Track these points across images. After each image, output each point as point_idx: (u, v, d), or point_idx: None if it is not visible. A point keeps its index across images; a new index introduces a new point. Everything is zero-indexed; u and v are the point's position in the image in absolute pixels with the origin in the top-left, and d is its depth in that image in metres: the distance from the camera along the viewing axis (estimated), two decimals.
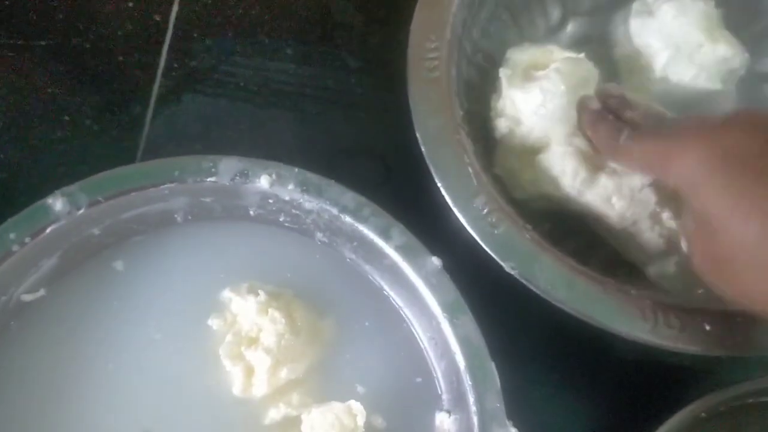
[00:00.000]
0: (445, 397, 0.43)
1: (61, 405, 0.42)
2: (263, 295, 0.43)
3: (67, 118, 0.56)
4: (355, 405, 0.40)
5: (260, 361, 0.42)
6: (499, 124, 0.50)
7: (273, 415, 0.42)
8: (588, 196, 0.46)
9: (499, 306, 0.43)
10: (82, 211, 0.42)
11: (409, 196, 0.51)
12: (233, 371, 0.42)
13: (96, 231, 0.44)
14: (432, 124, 0.46)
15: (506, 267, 0.42)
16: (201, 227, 0.46)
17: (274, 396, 0.42)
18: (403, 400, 0.43)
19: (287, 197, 0.43)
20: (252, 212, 0.45)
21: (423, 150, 0.45)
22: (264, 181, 0.43)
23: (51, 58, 0.58)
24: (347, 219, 0.43)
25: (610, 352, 0.46)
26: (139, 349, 0.44)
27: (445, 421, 0.42)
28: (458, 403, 0.41)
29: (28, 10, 0.59)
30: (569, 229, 0.49)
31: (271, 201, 0.44)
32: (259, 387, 0.42)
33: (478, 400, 0.39)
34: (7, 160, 0.54)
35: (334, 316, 0.45)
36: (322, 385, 0.43)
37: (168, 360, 0.44)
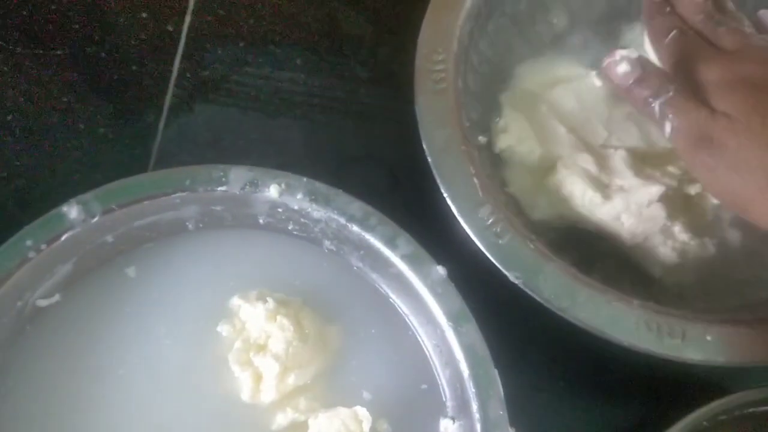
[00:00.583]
0: (449, 404, 0.43)
1: (74, 407, 0.43)
2: (272, 302, 0.44)
3: (82, 126, 0.57)
4: (361, 411, 0.41)
5: (268, 367, 0.43)
6: (500, 140, 0.51)
7: (281, 420, 0.43)
8: (598, 215, 0.47)
9: (503, 315, 0.43)
10: (96, 219, 0.43)
11: (416, 206, 0.52)
12: (242, 377, 0.43)
13: (109, 238, 0.45)
14: (438, 135, 0.46)
15: (511, 277, 0.43)
16: (211, 235, 0.47)
17: (282, 401, 0.43)
18: (408, 407, 0.43)
19: (296, 206, 0.44)
20: (261, 221, 0.46)
21: (429, 160, 0.46)
22: (273, 191, 0.44)
23: (67, 67, 0.59)
24: (354, 228, 0.44)
25: (613, 362, 0.47)
26: (150, 353, 0.45)
27: (449, 428, 0.43)
28: (462, 410, 0.41)
29: (45, 20, 0.60)
30: (573, 239, 0.49)
31: (281, 210, 0.45)
32: (268, 393, 0.43)
33: (482, 407, 0.40)
34: (23, 167, 0.56)
35: (341, 324, 0.45)
36: (328, 391, 0.44)
37: (178, 365, 0.44)
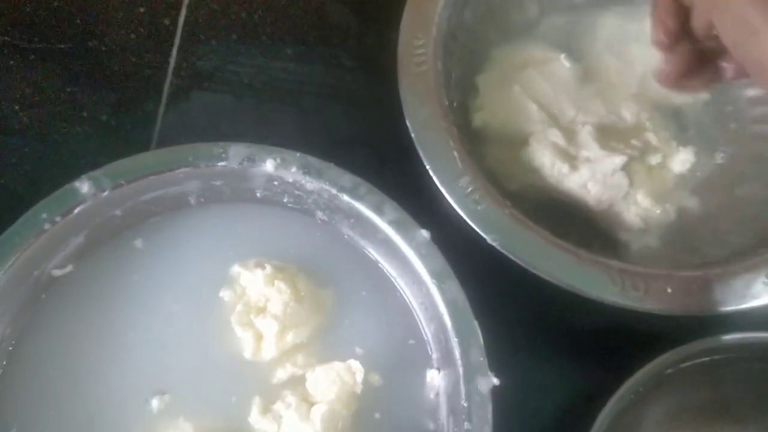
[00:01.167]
0: (434, 356, 0.47)
1: (87, 369, 0.47)
2: (269, 268, 0.48)
3: (86, 114, 0.60)
4: (354, 364, 0.45)
5: (268, 327, 0.46)
6: (476, 118, 0.55)
7: (281, 374, 0.46)
8: (567, 184, 0.51)
9: (481, 275, 0.47)
10: (106, 194, 0.46)
11: (402, 181, 0.55)
12: (244, 337, 0.47)
13: (118, 212, 0.48)
14: (420, 113, 0.50)
15: (488, 239, 0.47)
16: (212, 209, 0.51)
17: (281, 358, 0.47)
18: (397, 360, 0.47)
19: (291, 179, 0.48)
20: (258, 194, 0.50)
21: (413, 136, 0.50)
22: (269, 165, 0.47)
23: (70, 59, 0.62)
24: (345, 197, 0.47)
25: (582, 316, 0.51)
26: (158, 319, 0.48)
27: (435, 377, 0.46)
28: (446, 361, 0.45)
29: (48, 15, 0.63)
30: (547, 208, 0.53)
31: (276, 183, 0.49)
32: (268, 350, 0.46)
33: (464, 354, 0.43)
34: (31, 154, 0.59)
35: (333, 287, 0.49)
36: (324, 347, 0.48)
37: (185, 329, 0.48)
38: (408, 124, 0.50)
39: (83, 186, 0.46)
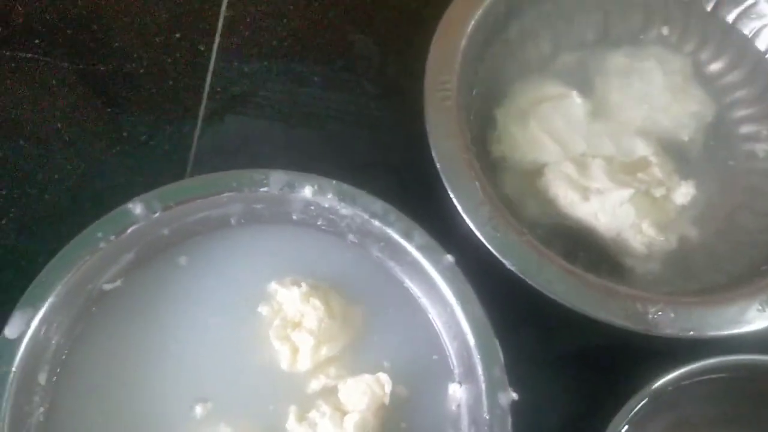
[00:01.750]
0: (457, 371, 0.51)
1: (134, 376, 0.50)
2: (305, 286, 0.52)
3: (125, 134, 0.64)
4: (383, 376, 0.49)
5: (304, 341, 0.50)
6: (495, 150, 0.60)
7: (314, 385, 0.50)
8: (578, 213, 0.55)
9: (499, 298, 0.51)
10: (156, 215, 0.50)
11: (421, 204, 0.59)
12: (281, 350, 0.51)
13: (166, 231, 0.52)
14: (445, 145, 0.54)
15: (507, 264, 0.51)
16: (251, 229, 0.55)
17: (315, 370, 0.51)
18: (422, 373, 0.51)
19: (326, 205, 0.52)
20: (295, 217, 0.54)
21: (438, 166, 0.54)
22: (307, 191, 0.51)
23: (109, 81, 0.66)
24: (376, 223, 0.51)
25: (594, 336, 0.55)
26: (200, 331, 0.52)
27: (457, 391, 0.50)
28: (468, 376, 0.49)
29: (88, 38, 0.67)
30: (558, 234, 0.58)
31: (312, 208, 0.52)
32: (303, 362, 0.50)
33: (486, 370, 0.47)
34: (73, 171, 0.63)
35: (363, 305, 0.53)
36: (354, 361, 0.51)
37: (225, 341, 0.51)
38: (433, 155, 0.54)
39: (136, 207, 0.50)
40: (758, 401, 0.51)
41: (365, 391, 0.49)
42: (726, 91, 0.64)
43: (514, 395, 0.47)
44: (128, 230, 0.50)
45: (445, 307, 0.50)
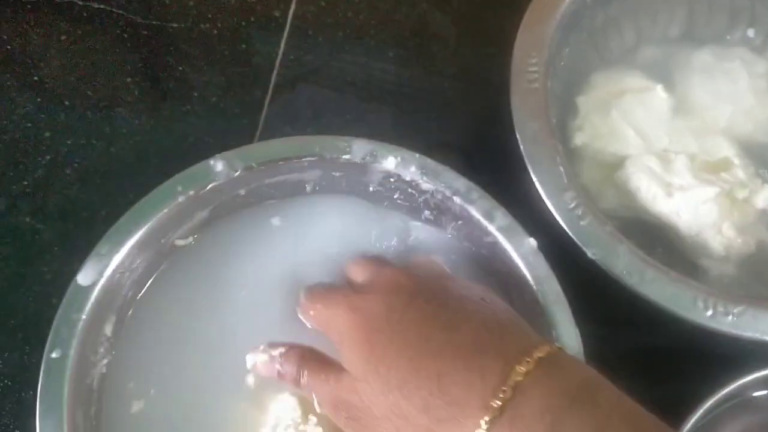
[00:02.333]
0: None
1: (196, 334, 0.49)
2: None
3: (195, 94, 0.63)
4: None
5: None
6: (576, 137, 0.58)
7: None
8: (659, 208, 0.54)
9: (579, 286, 0.50)
10: (237, 174, 0.49)
11: (491, 189, 0.58)
12: None
13: (242, 192, 0.51)
14: (530, 127, 0.53)
15: (589, 253, 0.50)
16: (325, 198, 0.53)
17: None
18: None
19: (408, 178, 0.51)
20: (371, 188, 0.53)
21: (521, 149, 0.53)
22: (390, 163, 0.50)
23: (181, 40, 0.65)
24: (457, 200, 0.50)
25: (671, 335, 0.54)
26: (262, 291, 0.50)
27: None
28: None
29: None
30: (633, 228, 0.56)
31: (392, 180, 0.51)
32: None
33: None
34: (141, 126, 0.62)
35: None
36: None
37: (284, 305, 0.50)
38: (517, 137, 0.53)
39: (217, 165, 0.49)
40: None
41: None
42: None
43: None
44: (208, 187, 0.49)
45: (524, 292, 0.49)
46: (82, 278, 0.46)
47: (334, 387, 0.42)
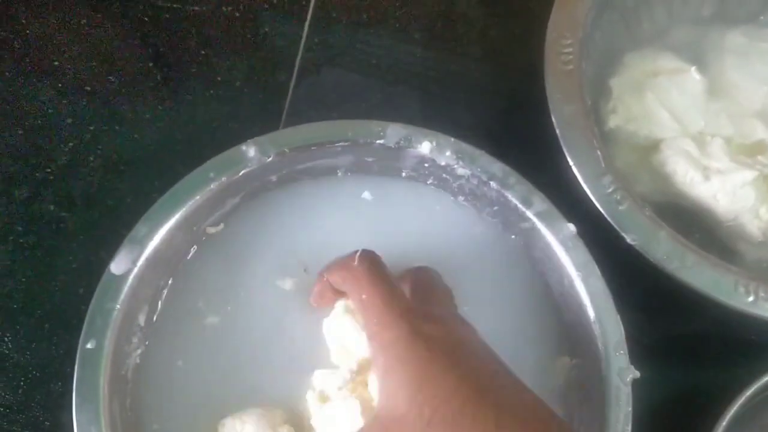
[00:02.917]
0: (567, 345, 0.49)
1: (225, 325, 0.49)
2: None
3: (219, 78, 0.62)
4: None
5: None
6: (610, 120, 0.57)
7: None
8: (696, 192, 0.53)
9: (616, 272, 0.49)
10: (269, 159, 0.48)
11: (524, 174, 0.57)
12: None
13: (273, 177, 0.50)
14: (566, 110, 0.52)
15: (628, 239, 0.49)
16: (357, 182, 0.52)
17: None
18: (525, 345, 0.49)
19: (443, 163, 0.50)
20: (404, 174, 0.52)
21: (557, 132, 0.52)
22: (425, 147, 0.49)
23: (204, 23, 0.64)
24: (493, 185, 0.49)
25: (710, 321, 0.53)
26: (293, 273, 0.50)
27: (566, 365, 0.49)
28: (582, 350, 0.47)
29: None
30: (669, 213, 0.55)
31: (427, 165, 0.50)
32: None
33: (605, 346, 0.45)
34: (164, 111, 0.60)
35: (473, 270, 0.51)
36: None
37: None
38: (553, 120, 0.52)
39: (249, 150, 0.48)
40: None
41: None
42: None
43: (637, 373, 0.45)
44: (240, 173, 0.48)
45: (562, 278, 0.48)
46: (115, 267, 0.45)
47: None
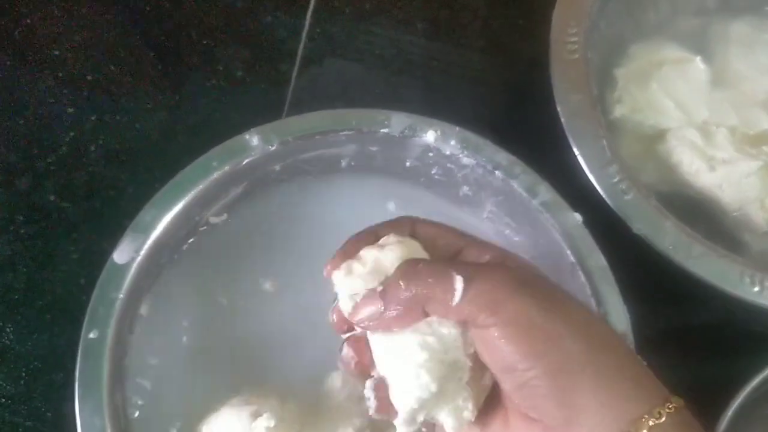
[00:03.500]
0: None
1: (225, 315, 0.49)
2: None
3: (221, 68, 0.61)
4: None
5: None
6: (615, 110, 0.57)
7: None
8: (702, 182, 0.53)
9: (622, 261, 0.49)
10: (273, 148, 0.48)
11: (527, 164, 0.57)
12: None
13: (277, 167, 0.49)
14: (572, 99, 0.52)
15: (634, 228, 0.49)
16: (360, 174, 0.52)
17: None
18: None
19: (448, 152, 0.49)
20: (408, 163, 0.51)
21: (563, 121, 0.51)
22: (430, 136, 0.49)
23: (204, 13, 0.63)
24: (498, 175, 0.49)
25: (716, 311, 0.53)
26: (291, 271, 0.50)
27: None
28: None
29: None
30: (674, 203, 0.55)
31: (431, 154, 0.50)
32: None
33: None
34: (166, 101, 0.60)
35: None
36: None
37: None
38: (558, 109, 0.52)
39: (253, 139, 0.47)
40: None
41: None
42: None
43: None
44: (243, 162, 0.47)
45: (568, 268, 0.48)
46: (118, 256, 0.44)
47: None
